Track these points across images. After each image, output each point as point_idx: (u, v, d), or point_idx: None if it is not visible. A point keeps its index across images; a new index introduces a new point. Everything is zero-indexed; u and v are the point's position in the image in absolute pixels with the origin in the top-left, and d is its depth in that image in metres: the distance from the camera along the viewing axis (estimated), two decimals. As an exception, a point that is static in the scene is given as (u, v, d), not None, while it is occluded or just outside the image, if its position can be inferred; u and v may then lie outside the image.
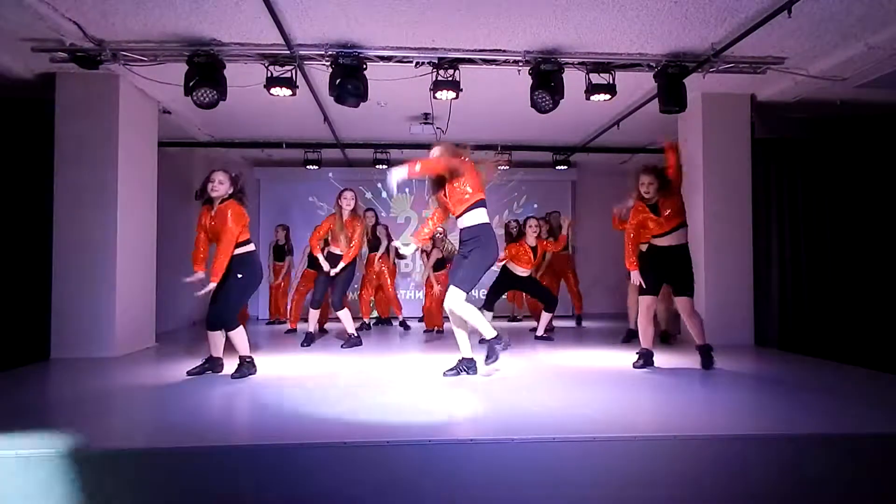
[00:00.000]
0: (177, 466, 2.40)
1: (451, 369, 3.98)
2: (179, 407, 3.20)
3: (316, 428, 2.72)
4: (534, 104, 4.75)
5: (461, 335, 3.99)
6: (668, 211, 4.18)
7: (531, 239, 5.92)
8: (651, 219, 4.22)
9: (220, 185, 3.91)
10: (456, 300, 3.78)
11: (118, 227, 4.99)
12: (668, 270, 4.25)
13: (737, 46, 4.44)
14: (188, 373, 4.03)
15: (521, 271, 5.92)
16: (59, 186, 4.91)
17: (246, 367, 4.01)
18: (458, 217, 3.89)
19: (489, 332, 3.81)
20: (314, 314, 5.61)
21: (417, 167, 3.65)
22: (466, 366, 3.96)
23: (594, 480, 2.46)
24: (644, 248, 4.53)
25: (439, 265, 6.75)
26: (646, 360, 4.30)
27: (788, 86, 5.25)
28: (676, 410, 3.09)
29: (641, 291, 4.32)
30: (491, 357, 3.80)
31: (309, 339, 5.56)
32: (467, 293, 3.80)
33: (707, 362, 4.20)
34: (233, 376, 3.93)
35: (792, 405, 3.20)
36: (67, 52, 4.43)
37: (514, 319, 7.99)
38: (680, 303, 4.26)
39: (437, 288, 6.61)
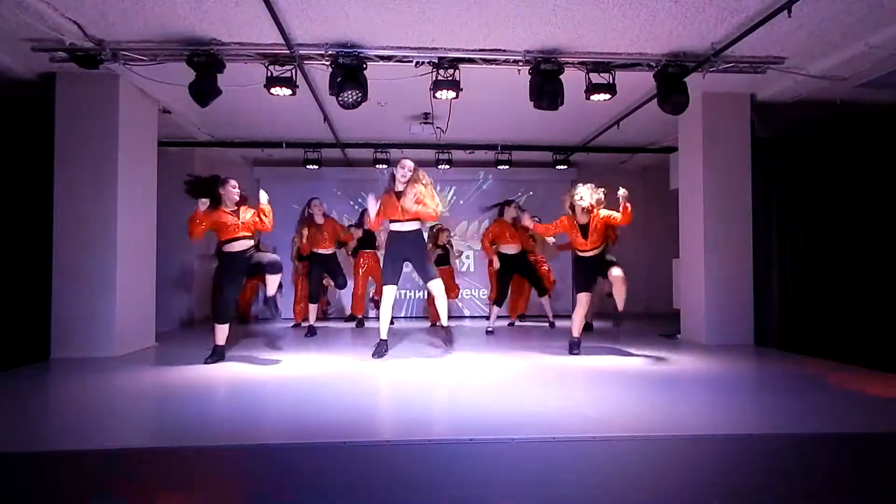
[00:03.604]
0: (176, 466, 2.40)
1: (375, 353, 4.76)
2: (179, 407, 3.20)
3: (316, 428, 2.72)
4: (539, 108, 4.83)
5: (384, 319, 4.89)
6: (594, 236, 4.83)
7: (509, 217, 6.62)
8: (578, 238, 4.88)
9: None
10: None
11: (118, 227, 4.99)
12: (595, 270, 4.92)
13: (737, 46, 4.44)
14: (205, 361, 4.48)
15: (513, 249, 6.61)
16: (59, 186, 4.91)
17: (217, 355, 4.56)
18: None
19: (382, 334, 4.83)
20: (314, 308, 6.30)
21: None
22: (378, 348, 4.79)
23: (594, 480, 2.45)
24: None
25: (440, 261, 6.98)
26: (578, 347, 4.95)
27: (788, 85, 5.24)
28: (676, 410, 3.09)
29: (579, 290, 5.00)
30: (375, 354, 4.74)
31: (312, 331, 6.17)
32: (386, 284, 4.79)
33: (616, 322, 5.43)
34: (206, 361, 4.48)
35: (792, 405, 3.20)
36: (67, 52, 4.43)
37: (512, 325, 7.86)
38: (612, 275, 4.79)
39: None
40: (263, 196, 4.62)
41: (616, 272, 4.76)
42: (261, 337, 6.12)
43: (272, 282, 4.57)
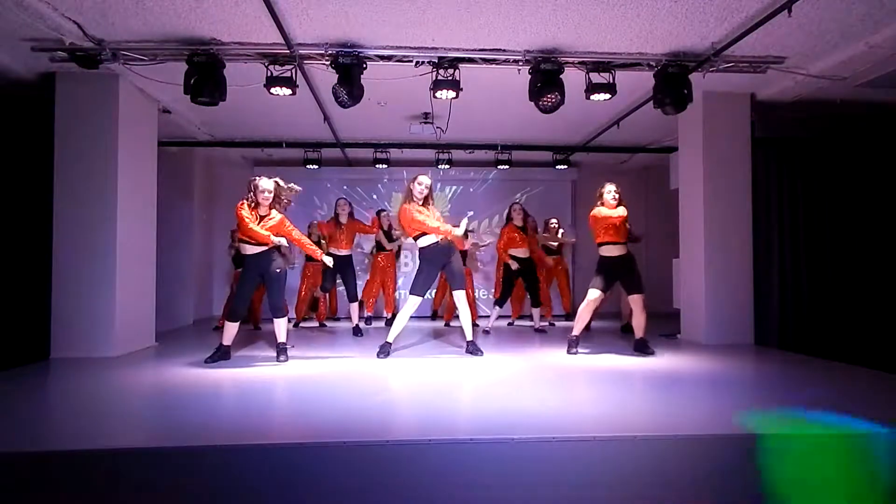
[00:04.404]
0: (176, 466, 2.40)
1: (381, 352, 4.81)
2: (179, 407, 3.20)
3: (316, 428, 2.72)
4: (541, 108, 4.78)
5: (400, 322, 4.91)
6: (618, 230, 4.89)
7: (518, 220, 6.54)
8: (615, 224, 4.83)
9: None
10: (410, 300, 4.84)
11: (118, 227, 4.99)
12: (617, 274, 4.90)
13: (737, 46, 4.44)
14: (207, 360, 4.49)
15: (521, 253, 6.50)
16: (59, 186, 4.91)
17: (221, 353, 4.57)
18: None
19: (390, 337, 4.89)
20: (354, 307, 6.43)
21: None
22: (383, 348, 4.84)
23: (594, 480, 2.46)
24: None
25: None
26: (575, 346, 4.99)
27: (788, 85, 5.24)
28: (676, 410, 3.08)
29: (593, 285, 4.94)
30: (380, 354, 4.78)
31: (357, 331, 6.36)
32: (414, 294, 4.82)
33: (645, 351, 4.89)
34: (207, 360, 4.48)
35: (792, 405, 3.20)
36: (67, 52, 4.43)
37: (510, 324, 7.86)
38: (633, 300, 4.92)
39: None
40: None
41: (635, 297, 4.86)
42: (262, 337, 6.12)
43: (280, 328, 4.65)
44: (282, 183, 4.56)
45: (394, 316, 7.33)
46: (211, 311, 8.58)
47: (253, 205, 4.45)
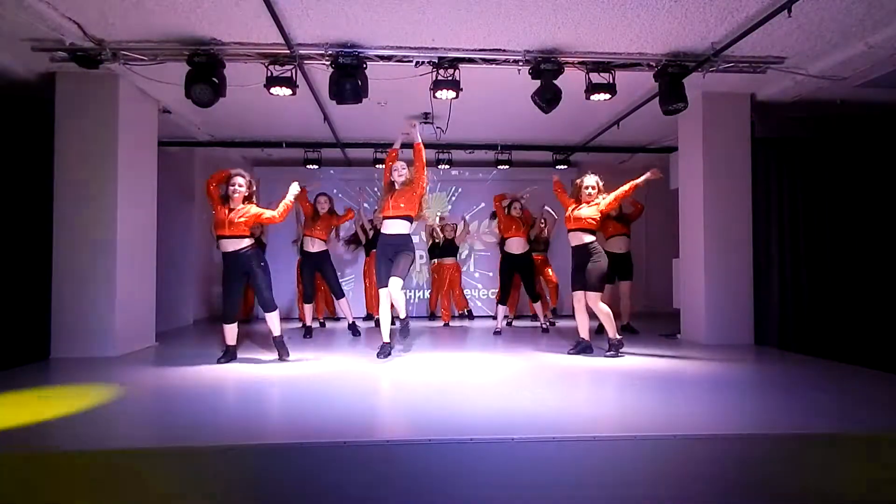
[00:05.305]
0: (176, 466, 2.40)
1: (380, 353, 4.75)
2: (179, 406, 3.21)
3: (316, 428, 2.72)
4: (538, 103, 4.79)
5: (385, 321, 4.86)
6: (586, 220, 4.85)
7: (515, 214, 6.56)
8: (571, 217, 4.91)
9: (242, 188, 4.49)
10: (396, 288, 4.67)
11: (118, 227, 4.99)
12: (578, 267, 4.88)
13: (737, 46, 4.44)
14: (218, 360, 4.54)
15: (518, 247, 6.46)
16: (59, 186, 4.91)
17: (229, 355, 4.61)
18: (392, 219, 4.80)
19: (384, 337, 4.82)
20: (308, 308, 6.34)
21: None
22: (383, 349, 4.76)
23: (594, 480, 2.46)
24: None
25: (446, 253, 7.41)
26: (585, 349, 4.94)
27: (788, 85, 5.25)
28: (676, 410, 3.09)
29: (571, 287, 4.97)
30: (380, 355, 4.71)
31: (308, 332, 6.20)
32: (380, 287, 4.77)
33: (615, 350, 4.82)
34: (219, 360, 4.52)
35: (792, 405, 3.21)
36: (67, 52, 4.44)
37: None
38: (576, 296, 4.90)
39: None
40: (294, 187, 4.65)
41: (578, 293, 4.82)
42: (262, 337, 6.12)
43: (272, 322, 4.62)
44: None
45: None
46: (211, 311, 8.58)
47: (223, 197, 4.48)
